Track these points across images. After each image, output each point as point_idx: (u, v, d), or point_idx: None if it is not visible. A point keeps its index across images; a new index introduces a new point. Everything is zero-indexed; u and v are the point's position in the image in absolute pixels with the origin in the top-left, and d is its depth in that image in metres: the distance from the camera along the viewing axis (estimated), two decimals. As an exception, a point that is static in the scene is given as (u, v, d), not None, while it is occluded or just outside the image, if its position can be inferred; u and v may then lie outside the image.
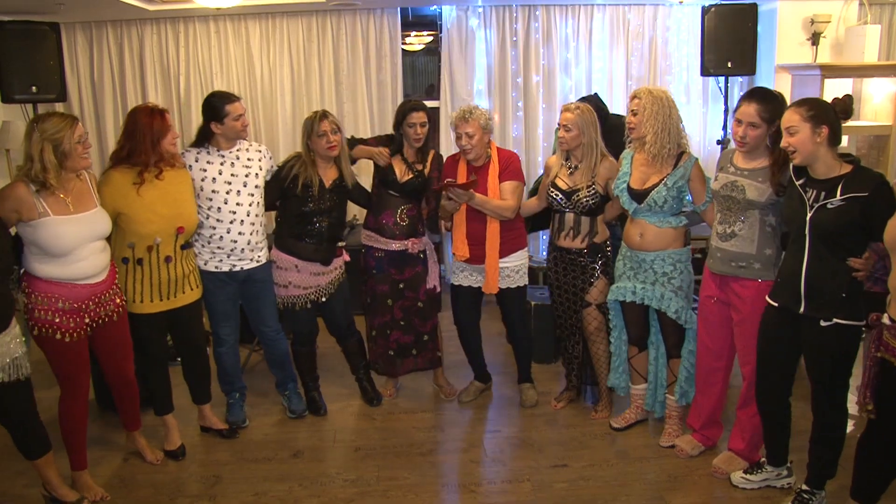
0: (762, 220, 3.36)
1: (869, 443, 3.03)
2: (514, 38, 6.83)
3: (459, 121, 4.12)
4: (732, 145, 3.50)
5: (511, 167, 4.15)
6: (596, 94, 5.68)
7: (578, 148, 3.98)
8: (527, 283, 4.38)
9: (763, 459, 3.58)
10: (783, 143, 3.06)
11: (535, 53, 6.87)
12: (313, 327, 4.36)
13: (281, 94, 6.78)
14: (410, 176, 4.25)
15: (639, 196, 3.73)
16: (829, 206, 2.95)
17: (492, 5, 6.71)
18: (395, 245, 4.29)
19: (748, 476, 3.55)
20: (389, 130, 4.44)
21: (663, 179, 3.67)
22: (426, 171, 4.29)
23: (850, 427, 3.48)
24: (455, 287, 4.40)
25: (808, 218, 3.00)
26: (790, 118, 3.01)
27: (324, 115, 4.05)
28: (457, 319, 4.49)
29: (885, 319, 2.80)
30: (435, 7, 6.81)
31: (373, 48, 6.76)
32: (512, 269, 4.24)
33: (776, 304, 3.20)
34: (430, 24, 7.09)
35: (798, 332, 3.12)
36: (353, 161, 4.30)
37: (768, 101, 3.31)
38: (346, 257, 4.34)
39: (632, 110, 3.76)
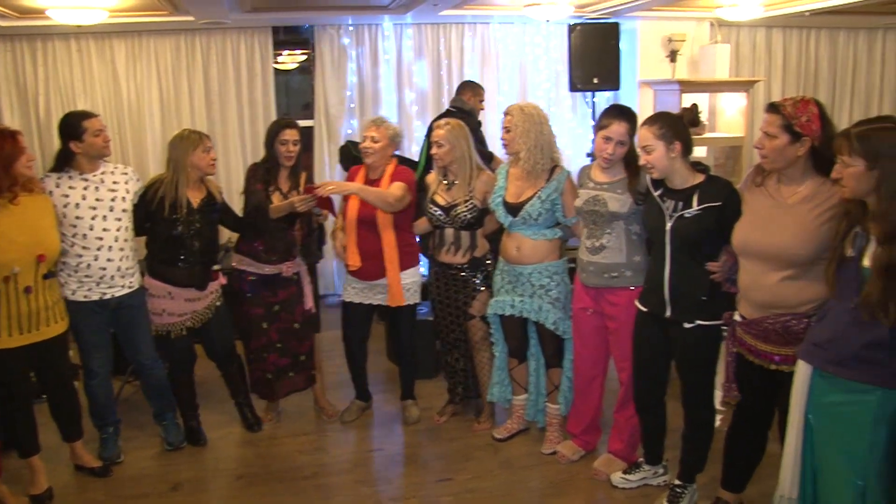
0: (627, 230, 3.50)
1: (735, 435, 3.22)
2: (387, 56, 6.89)
3: (370, 124, 4.18)
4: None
5: (401, 176, 4.16)
6: None
7: (453, 163, 4.05)
8: (419, 300, 4.39)
9: (641, 459, 3.72)
10: (641, 162, 3.23)
11: (408, 71, 6.94)
12: (190, 355, 4.24)
13: (150, 114, 6.59)
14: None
15: (514, 209, 3.82)
16: (686, 215, 3.12)
17: (363, 24, 6.74)
18: (269, 269, 4.22)
19: (627, 476, 3.69)
20: (262, 150, 4.36)
21: (537, 193, 3.77)
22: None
23: (717, 422, 3.68)
24: (346, 304, 4.37)
25: (667, 227, 3.16)
26: (645, 136, 3.17)
27: (204, 134, 4.02)
28: (346, 337, 4.45)
29: (737, 316, 2.99)
30: (307, 25, 6.78)
31: (244, 67, 6.67)
32: (405, 286, 4.24)
33: (645, 309, 3.34)
34: (303, 42, 7.06)
35: (667, 335, 3.28)
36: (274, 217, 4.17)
37: (633, 119, 3.49)
38: (223, 280, 4.24)
39: (504, 127, 3.85)
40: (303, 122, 4.93)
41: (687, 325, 3.18)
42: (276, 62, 7.02)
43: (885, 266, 2.33)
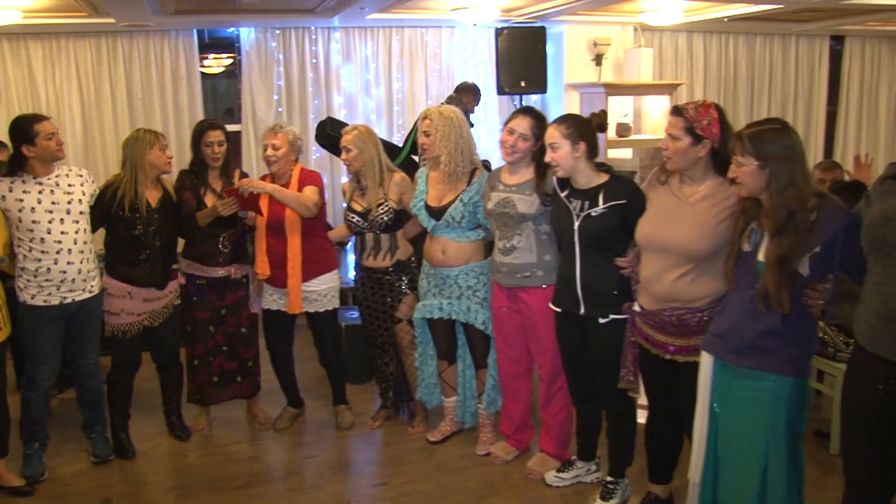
0: (537, 230, 3.57)
1: (652, 428, 3.32)
2: (314, 60, 6.84)
3: (269, 132, 4.13)
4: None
5: (310, 180, 4.13)
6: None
7: (363, 167, 4.05)
8: (338, 305, 4.37)
9: (574, 457, 3.78)
10: (547, 158, 3.30)
11: (336, 75, 6.91)
12: (137, 358, 4.13)
13: (70, 118, 6.41)
14: None
15: (437, 213, 3.84)
16: (593, 214, 3.22)
17: (290, 27, 6.68)
18: (220, 272, 4.18)
19: (561, 474, 3.74)
20: (188, 155, 4.30)
21: (459, 196, 3.79)
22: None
23: (642, 418, 3.75)
24: (266, 311, 4.33)
25: (575, 226, 3.26)
26: (552, 134, 3.27)
27: (159, 133, 4.00)
28: (269, 344, 4.42)
29: (636, 307, 3.10)
30: (232, 29, 6.69)
31: (168, 71, 6.54)
32: (320, 292, 4.22)
33: (560, 310, 3.41)
34: (229, 46, 6.95)
35: (583, 331, 3.36)
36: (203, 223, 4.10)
37: (540, 119, 3.57)
38: (181, 280, 4.19)
39: (423, 131, 3.86)
40: (230, 127, 4.86)
41: (602, 321, 3.28)
42: (203, 66, 6.90)
43: (776, 258, 2.46)
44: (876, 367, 2.34)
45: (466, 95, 6.24)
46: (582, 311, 3.32)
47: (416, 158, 4.95)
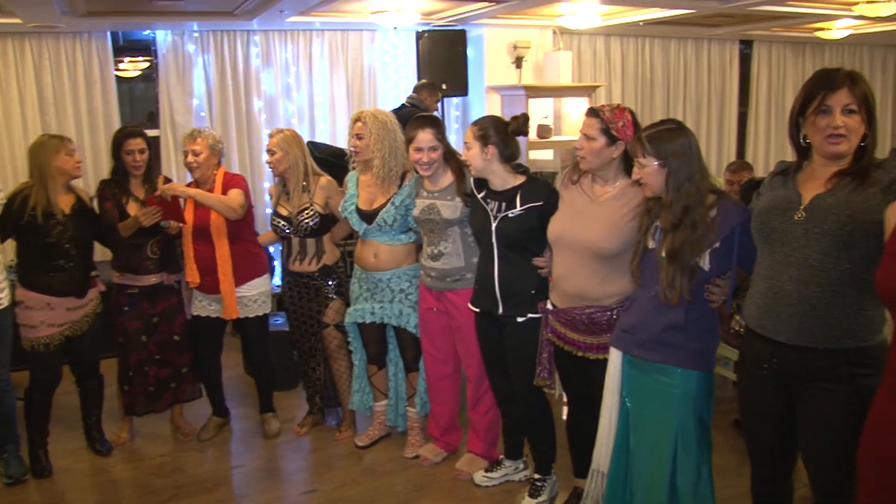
0: (463, 234, 3.60)
1: (572, 423, 3.41)
2: (234, 64, 6.73)
3: (187, 139, 4.06)
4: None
5: (234, 182, 4.08)
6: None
7: (287, 171, 4.02)
8: (269, 310, 4.31)
9: (502, 456, 3.82)
10: (463, 156, 3.37)
11: (256, 79, 6.82)
12: (58, 372, 3.98)
13: (-26, 124, 6.15)
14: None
15: (368, 217, 3.83)
16: (510, 215, 3.27)
17: (208, 30, 6.56)
18: (153, 279, 4.09)
19: (489, 474, 3.77)
20: (106, 160, 4.18)
21: (390, 199, 3.80)
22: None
23: (565, 415, 3.82)
24: (194, 318, 4.24)
25: (493, 228, 3.31)
26: (467, 134, 3.34)
27: (65, 137, 3.89)
28: (197, 352, 4.33)
29: (549, 305, 3.17)
30: (148, 32, 6.52)
31: (81, 74, 6.33)
32: (251, 297, 4.16)
33: (478, 310, 3.46)
34: (145, 49, 6.78)
35: (501, 331, 3.41)
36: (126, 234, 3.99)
37: (436, 124, 3.61)
38: (101, 287, 4.09)
39: (356, 134, 3.85)
40: (149, 132, 4.73)
41: (519, 320, 3.33)
42: (118, 70, 6.71)
43: (669, 251, 2.57)
44: (762, 348, 2.45)
45: (424, 93, 6.26)
46: (500, 310, 3.36)
47: None
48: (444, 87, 6.73)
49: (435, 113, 6.20)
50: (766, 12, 6.49)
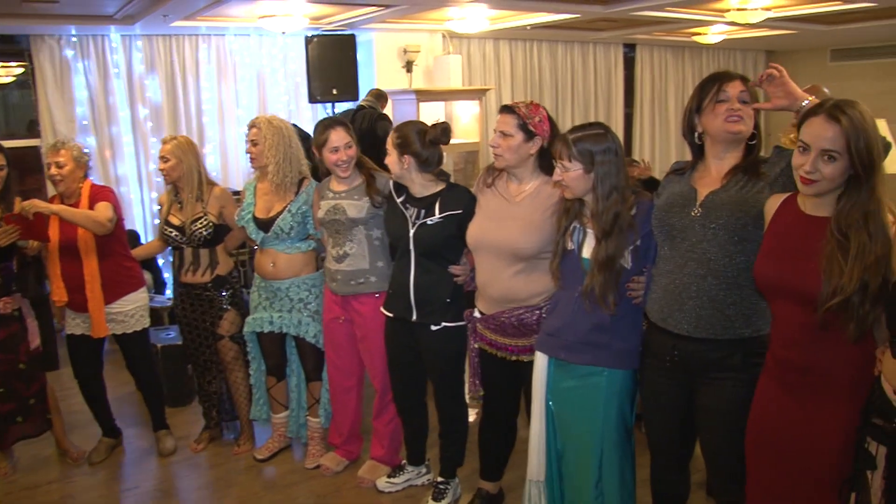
0: (368, 236, 3.58)
1: (486, 427, 3.41)
2: (116, 70, 6.50)
3: (50, 150, 3.84)
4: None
5: (101, 195, 3.87)
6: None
7: (181, 179, 3.91)
8: (148, 324, 4.16)
9: (404, 462, 3.81)
10: (386, 160, 3.33)
11: (140, 86, 6.60)
12: None
13: None
14: None
15: (265, 225, 3.76)
16: (429, 222, 3.25)
17: (87, 34, 6.31)
18: None
19: (392, 479, 3.76)
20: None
21: (287, 206, 3.74)
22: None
23: (472, 416, 3.86)
24: (70, 337, 4.05)
25: (411, 234, 3.28)
26: (388, 140, 3.30)
27: None
28: (76, 372, 4.13)
29: (476, 313, 3.18)
30: (20, 36, 6.22)
31: (-53, 81, 5.99)
32: (127, 312, 3.99)
33: (391, 315, 3.44)
34: (19, 53, 6.45)
35: (415, 337, 3.40)
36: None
37: (345, 123, 3.61)
38: None
39: (251, 140, 3.77)
40: (29, 142, 4.48)
41: (434, 328, 3.32)
42: (-12, 75, 6.38)
43: (602, 260, 2.60)
44: (664, 341, 2.54)
45: (382, 101, 6.27)
46: (414, 317, 3.34)
47: None
48: (334, 91, 6.69)
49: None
50: (647, 17, 6.71)
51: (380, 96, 6.32)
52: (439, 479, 3.61)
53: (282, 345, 4.01)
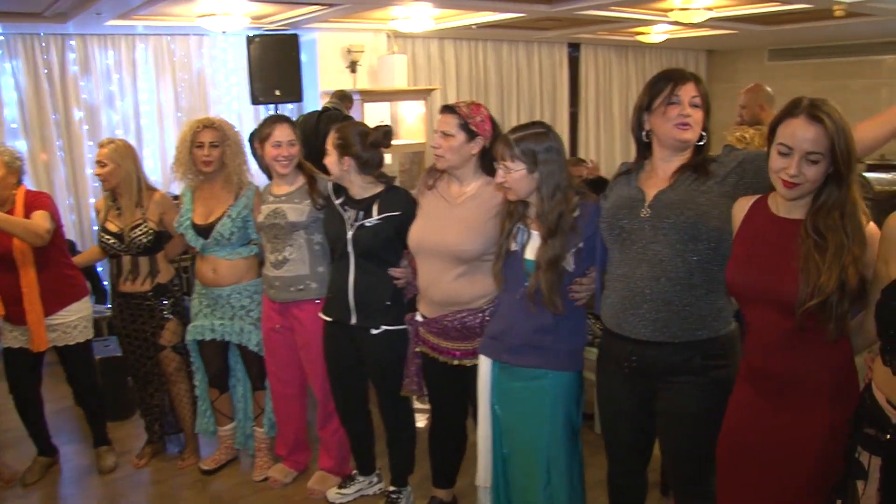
0: (309, 240, 3.49)
1: (435, 433, 3.36)
2: (46, 71, 6.27)
3: None
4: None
5: (37, 202, 3.69)
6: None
7: (119, 185, 3.76)
8: (92, 336, 4.00)
9: (354, 472, 3.72)
10: (325, 160, 3.25)
11: (74, 87, 6.38)
12: None
13: None
14: None
15: (204, 231, 3.64)
16: (367, 224, 3.19)
17: (16, 33, 6.06)
18: None
19: (342, 490, 3.67)
20: None
21: (227, 211, 3.63)
22: None
23: (422, 423, 3.79)
24: (6, 350, 3.87)
25: (349, 236, 3.21)
26: (328, 140, 3.23)
27: None
28: (12, 388, 3.95)
29: (418, 316, 3.12)
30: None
31: None
32: (69, 324, 3.83)
33: (330, 319, 3.36)
34: (-60, 53, 6.18)
35: (355, 342, 3.32)
36: None
37: (291, 121, 3.53)
38: None
39: (211, 142, 3.61)
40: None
41: (374, 331, 3.25)
42: None
43: (549, 260, 2.57)
44: (622, 347, 2.50)
45: (347, 102, 6.14)
46: (353, 320, 3.26)
47: None
48: (277, 93, 6.57)
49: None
50: (592, 16, 6.73)
51: (344, 97, 6.21)
52: (391, 487, 3.54)
53: (224, 354, 3.88)
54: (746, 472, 2.27)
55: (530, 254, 2.65)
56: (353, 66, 7.03)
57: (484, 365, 2.82)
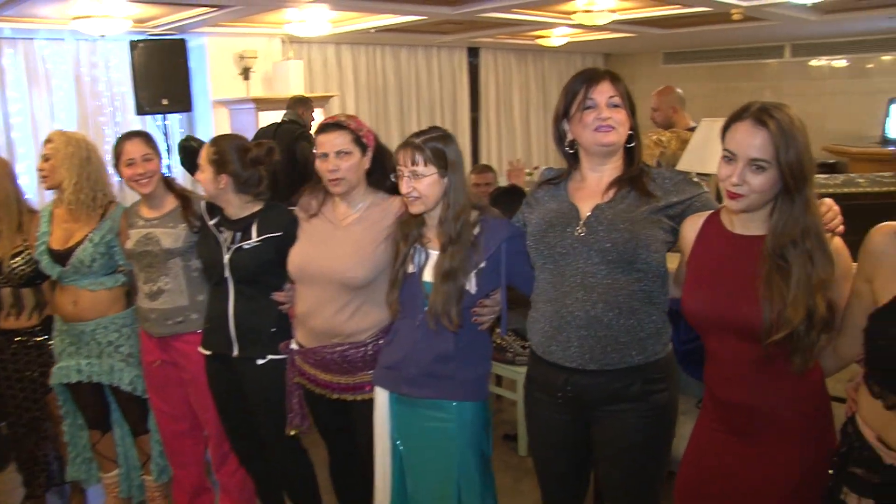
0: (186, 268, 3.15)
1: (334, 470, 3.07)
2: None
3: None
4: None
5: None
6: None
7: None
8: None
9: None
10: (196, 176, 2.95)
11: (-64, 96, 5.83)
12: None
13: None
14: None
15: (61, 257, 3.25)
16: (245, 246, 2.89)
17: None
18: None
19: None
20: None
21: (88, 235, 3.25)
22: None
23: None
24: None
25: (226, 260, 2.91)
26: (202, 155, 2.91)
27: None
28: None
29: (294, 345, 2.83)
30: None
31: None
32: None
33: (209, 352, 3.04)
34: None
35: (238, 375, 3.00)
36: None
37: (145, 134, 3.22)
38: None
39: (44, 155, 3.27)
40: None
41: (259, 362, 2.94)
42: None
43: (444, 272, 2.36)
44: (554, 376, 2.30)
45: (299, 108, 5.76)
46: (235, 352, 2.95)
47: None
48: (164, 102, 6.18)
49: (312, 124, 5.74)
50: (494, 19, 6.64)
51: (300, 103, 5.84)
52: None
53: (100, 393, 3.47)
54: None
55: (429, 275, 2.44)
56: (245, 73, 6.72)
57: (380, 398, 2.58)
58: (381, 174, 2.63)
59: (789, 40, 9.41)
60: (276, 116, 6.56)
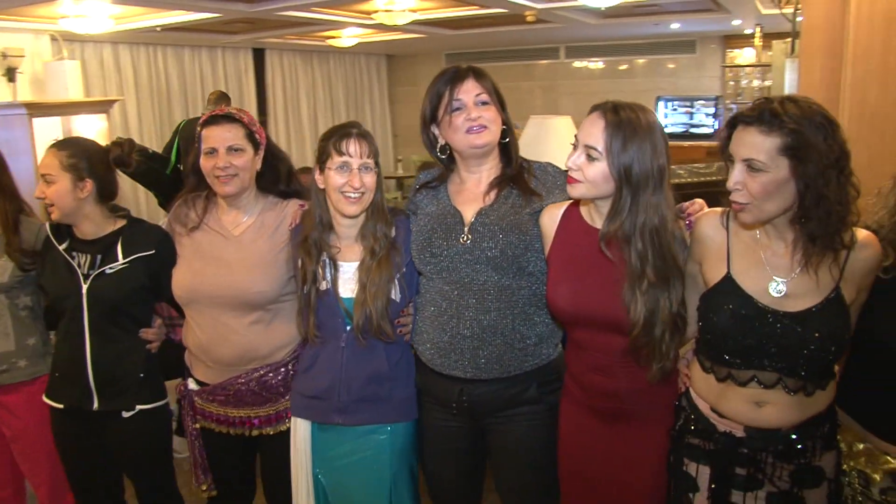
0: (12, 306, 2.66)
1: None
2: None
3: None
4: None
5: None
6: None
7: None
8: None
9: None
10: (37, 194, 2.44)
11: None
12: None
13: None
14: None
15: None
16: (108, 271, 2.45)
17: None
18: None
19: None
20: None
21: None
22: None
23: None
24: None
25: (83, 290, 2.45)
26: (48, 163, 2.41)
27: None
28: None
29: (192, 385, 2.49)
30: None
31: None
32: None
33: (61, 406, 2.55)
34: None
35: (97, 431, 2.55)
36: None
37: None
38: None
39: None
40: None
41: (126, 414, 2.52)
42: None
43: (378, 283, 2.19)
44: (448, 387, 2.19)
45: (224, 104, 5.37)
46: (95, 405, 2.49)
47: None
48: None
49: None
50: (290, 18, 6.41)
51: (224, 99, 5.51)
52: None
53: None
54: (585, 495, 2.12)
55: (345, 290, 2.22)
56: (10, 74, 5.92)
57: (301, 429, 2.32)
58: (274, 177, 2.40)
59: (564, 42, 9.92)
60: (53, 123, 5.90)
